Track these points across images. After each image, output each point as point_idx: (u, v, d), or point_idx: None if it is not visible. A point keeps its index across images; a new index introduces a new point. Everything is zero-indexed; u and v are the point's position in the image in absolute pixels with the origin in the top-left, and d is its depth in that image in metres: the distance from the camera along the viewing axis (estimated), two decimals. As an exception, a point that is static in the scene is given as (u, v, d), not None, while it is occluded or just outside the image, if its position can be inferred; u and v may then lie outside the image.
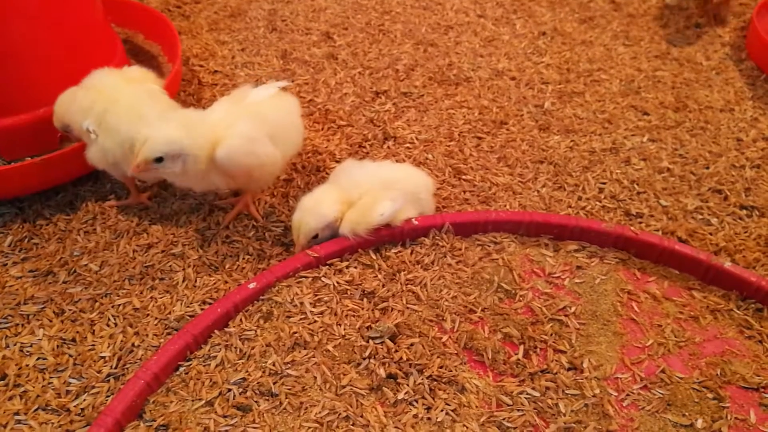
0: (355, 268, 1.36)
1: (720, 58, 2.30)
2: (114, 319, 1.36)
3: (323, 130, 1.92)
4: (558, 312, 1.29)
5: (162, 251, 1.51)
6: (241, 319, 1.26)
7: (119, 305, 1.39)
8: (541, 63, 2.25)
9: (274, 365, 1.17)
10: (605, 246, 1.44)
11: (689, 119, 1.99)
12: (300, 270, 1.34)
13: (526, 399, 1.13)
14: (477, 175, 1.75)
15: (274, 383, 1.14)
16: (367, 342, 1.21)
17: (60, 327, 1.34)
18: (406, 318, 1.25)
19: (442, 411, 1.10)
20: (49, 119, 1.57)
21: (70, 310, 1.37)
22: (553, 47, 2.35)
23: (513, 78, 2.17)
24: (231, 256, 1.50)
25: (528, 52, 2.32)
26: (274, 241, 1.54)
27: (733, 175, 1.77)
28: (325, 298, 1.29)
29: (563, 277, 1.36)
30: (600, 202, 1.68)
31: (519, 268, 1.37)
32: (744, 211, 1.66)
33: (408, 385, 1.14)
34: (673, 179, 1.76)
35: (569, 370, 1.19)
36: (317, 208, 1.37)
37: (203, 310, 1.30)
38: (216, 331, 1.24)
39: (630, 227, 1.43)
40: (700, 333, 1.27)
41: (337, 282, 1.32)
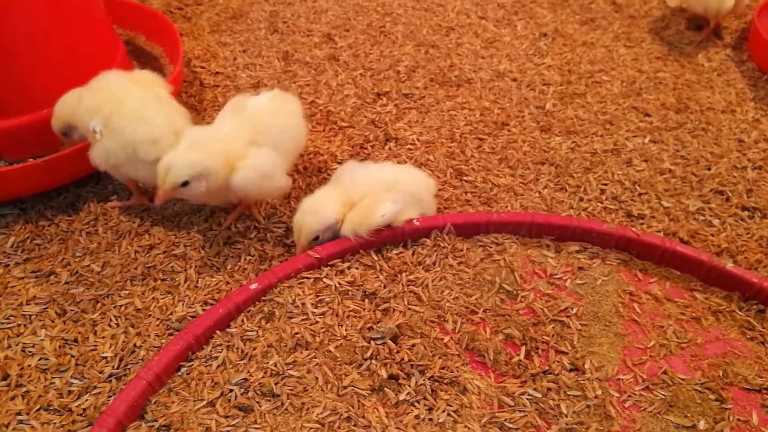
0: (357, 269, 1.36)
1: (721, 59, 2.30)
2: (116, 320, 1.36)
3: (324, 131, 1.92)
4: (560, 313, 1.29)
5: (164, 252, 1.51)
6: (243, 320, 1.27)
7: (121, 306, 1.39)
8: (543, 64, 2.25)
9: (275, 366, 1.17)
10: (607, 247, 1.43)
11: (691, 120, 1.99)
12: (302, 271, 1.34)
13: (527, 400, 1.13)
14: (478, 177, 1.75)
15: (275, 384, 1.14)
16: (369, 343, 1.21)
17: (62, 327, 1.34)
18: (407, 319, 1.25)
19: (443, 412, 1.10)
20: (52, 120, 1.57)
21: (72, 310, 1.38)
22: (555, 49, 2.35)
23: (514, 79, 2.17)
24: (233, 257, 1.50)
25: (529, 53, 2.32)
26: (275, 242, 1.54)
27: (735, 177, 1.77)
28: (327, 298, 1.29)
29: (565, 278, 1.36)
30: (601, 203, 1.68)
31: (521, 269, 1.37)
32: (746, 213, 1.66)
33: (409, 386, 1.14)
34: (675, 180, 1.76)
35: (571, 371, 1.19)
36: (318, 209, 1.37)
37: (205, 310, 1.31)
38: (218, 332, 1.25)
39: (632, 228, 1.43)
40: (702, 334, 1.27)
41: (339, 283, 1.32)
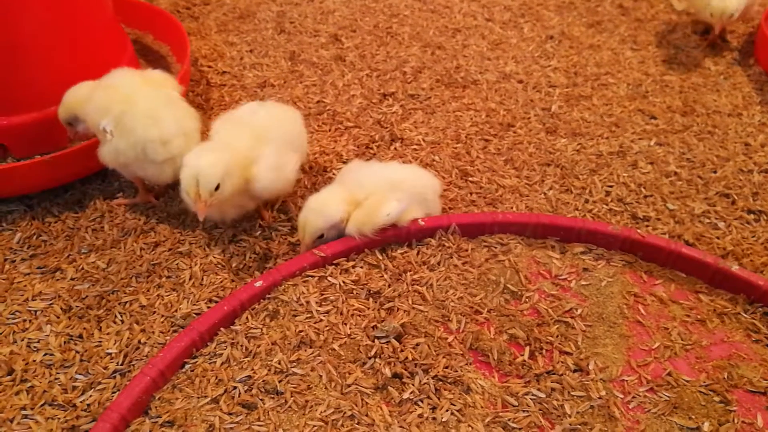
0: (362, 267, 1.36)
1: (728, 62, 2.30)
2: (121, 316, 1.36)
3: (330, 131, 1.92)
4: (564, 314, 1.28)
5: (169, 249, 1.52)
6: (248, 318, 1.27)
7: (126, 302, 1.39)
8: (549, 66, 2.25)
9: (279, 363, 1.17)
10: (612, 249, 1.43)
11: (697, 123, 1.99)
12: (306, 269, 1.34)
13: (531, 400, 1.13)
14: (484, 177, 1.75)
15: (279, 381, 1.14)
16: (373, 341, 1.21)
17: (67, 323, 1.35)
18: (411, 318, 1.25)
19: (447, 411, 1.10)
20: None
21: (77, 306, 1.38)
22: (561, 51, 2.35)
23: (520, 81, 2.17)
24: (237, 255, 1.50)
25: (535, 55, 2.32)
26: (280, 241, 1.54)
27: (741, 180, 1.77)
28: (331, 297, 1.29)
29: (570, 279, 1.36)
30: (607, 205, 1.68)
31: (525, 269, 1.37)
32: (752, 216, 1.66)
33: (413, 385, 1.14)
34: (681, 183, 1.75)
35: (575, 371, 1.18)
36: (323, 208, 1.37)
37: (210, 308, 1.31)
38: (222, 329, 1.25)
39: (637, 230, 1.43)
40: (707, 336, 1.26)
41: (343, 281, 1.32)
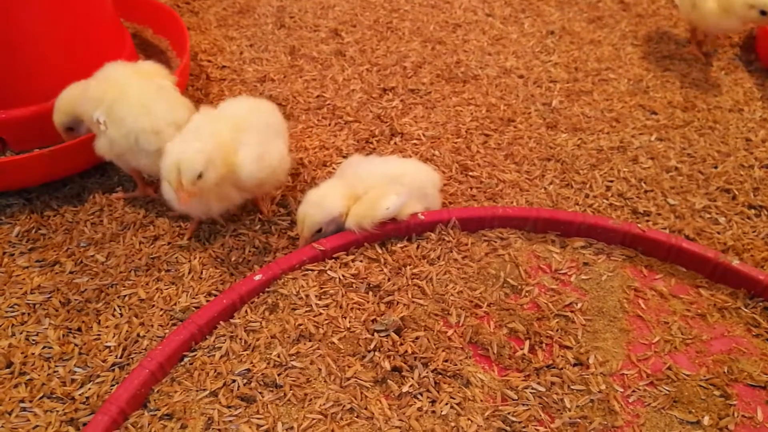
0: (361, 261, 1.35)
1: (729, 58, 2.29)
2: (119, 310, 1.36)
3: (330, 125, 1.92)
4: (564, 308, 1.28)
5: (168, 243, 1.51)
6: (247, 311, 1.26)
7: (125, 296, 1.39)
8: (549, 62, 2.25)
9: (278, 357, 1.17)
10: (612, 243, 1.43)
11: (698, 119, 1.98)
12: (306, 263, 1.34)
13: (531, 394, 1.13)
14: (484, 172, 1.75)
15: (278, 375, 1.14)
16: (372, 335, 1.21)
17: (66, 316, 1.35)
18: (411, 312, 1.25)
19: (446, 404, 1.10)
20: (58, 111, 1.58)
21: (76, 299, 1.38)
22: (561, 46, 2.34)
23: (521, 76, 2.17)
24: (237, 248, 1.50)
25: (536, 50, 2.31)
26: (280, 235, 1.54)
27: (742, 175, 1.76)
28: (331, 291, 1.29)
29: (570, 274, 1.36)
30: (607, 199, 1.67)
31: (525, 263, 1.37)
32: (752, 211, 1.65)
33: (413, 378, 1.14)
34: (681, 178, 1.75)
35: (575, 365, 1.18)
36: (322, 202, 1.37)
37: (209, 301, 1.31)
38: (221, 323, 1.24)
39: (637, 225, 1.42)
40: (707, 331, 1.26)
41: (343, 275, 1.32)
